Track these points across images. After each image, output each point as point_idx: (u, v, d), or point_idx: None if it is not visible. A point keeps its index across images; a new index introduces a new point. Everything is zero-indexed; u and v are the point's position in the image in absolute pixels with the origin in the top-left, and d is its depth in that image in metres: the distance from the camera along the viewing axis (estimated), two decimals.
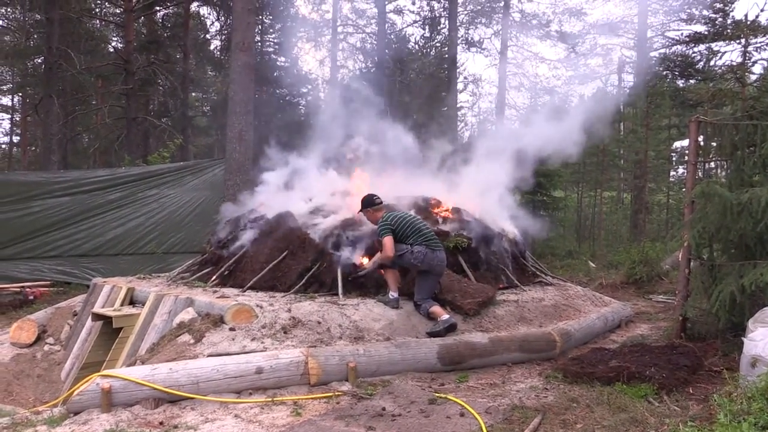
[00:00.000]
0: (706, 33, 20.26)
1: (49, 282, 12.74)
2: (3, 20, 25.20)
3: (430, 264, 6.77)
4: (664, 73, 20.97)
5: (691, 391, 5.15)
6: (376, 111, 10.23)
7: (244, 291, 7.41)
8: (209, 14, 26.25)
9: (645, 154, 20.33)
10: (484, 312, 7.15)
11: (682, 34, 21.77)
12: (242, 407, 4.81)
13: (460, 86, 26.20)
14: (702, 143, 7.20)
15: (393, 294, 6.86)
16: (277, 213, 8.33)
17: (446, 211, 8.75)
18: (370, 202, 7.28)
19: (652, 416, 4.42)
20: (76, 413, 4.66)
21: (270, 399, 4.95)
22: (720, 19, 20.43)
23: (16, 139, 32.34)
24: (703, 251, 6.84)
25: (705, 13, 21.21)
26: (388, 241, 6.78)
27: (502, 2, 24.77)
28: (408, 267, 6.96)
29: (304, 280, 7.41)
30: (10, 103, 31.13)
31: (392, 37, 26.10)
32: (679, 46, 21.47)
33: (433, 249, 6.81)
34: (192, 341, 5.83)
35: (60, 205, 13.31)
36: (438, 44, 25.80)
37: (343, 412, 4.72)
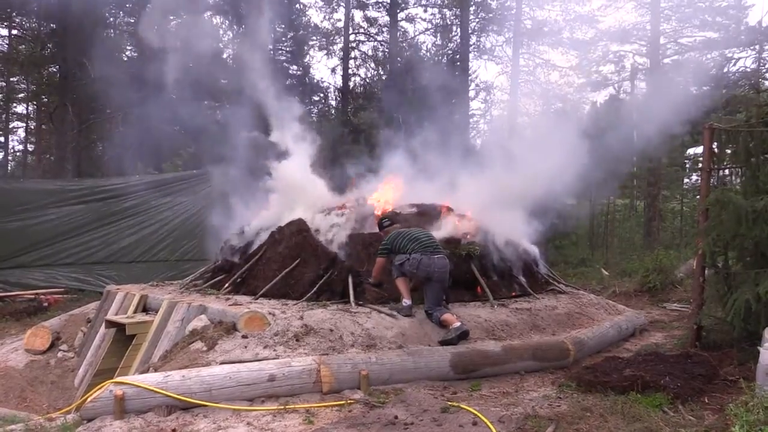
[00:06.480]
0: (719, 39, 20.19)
1: (63, 289, 12.84)
2: (18, 29, 25.47)
3: (426, 271, 6.76)
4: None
5: (706, 401, 5.10)
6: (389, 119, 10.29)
7: (257, 298, 7.44)
8: (222, 23, 26.40)
9: (658, 161, 20.21)
10: None
11: (695, 40, 21.67)
12: (254, 415, 4.82)
13: (471, 93, 26.15)
14: (716, 150, 7.15)
15: (406, 301, 6.86)
16: (289, 221, 8.35)
17: (458, 218, 8.74)
18: (380, 226, 7.81)
19: (667, 426, 4.38)
20: (89, 420, 4.69)
21: (282, 407, 4.96)
22: (733, 26, 20.33)
23: (30, 147, 32.65)
24: (717, 259, 6.78)
25: (718, 19, 21.10)
26: (377, 262, 7.21)
27: (514, 10, 24.75)
28: (410, 276, 6.98)
29: (316, 288, 7.43)
30: (25, 112, 31.43)
31: (404, 45, 26.14)
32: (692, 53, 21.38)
33: (430, 256, 6.81)
34: (205, 348, 5.86)
35: (74, 213, 13.43)
36: (449, 52, 25.81)
37: (355, 421, 4.72)
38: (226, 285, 8.09)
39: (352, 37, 26.49)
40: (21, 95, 29.27)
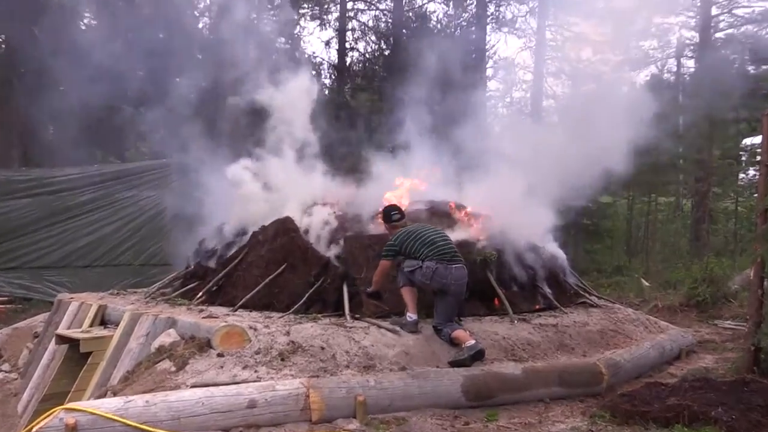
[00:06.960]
0: None
1: (6, 298, 12.81)
2: None
3: (441, 282, 6.66)
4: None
5: None
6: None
7: (235, 310, 7.42)
8: None
9: (709, 153, 20.19)
10: None
11: (753, 11, 21.62)
12: None
13: (489, 72, 26.12)
14: None
15: (411, 316, 6.81)
16: (274, 219, 8.32)
17: (471, 218, 8.71)
18: (387, 218, 7.42)
19: None
20: None
21: None
22: None
23: None
24: None
25: None
26: (381, 265, 6.94)
27: None
28: (420, 287, 6.89)
29: (305, 298, 7.40)
30: None
31: (410, 14, 26.08)
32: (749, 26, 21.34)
33: (447, 265, 6.71)
34: (173, 369, 5.84)
35: (21, 208, 13.40)
36: (464, 23, 25.76)
37: None
38: (200, 294, 8.08)
39: (349, 5, 26.46)
40: None
